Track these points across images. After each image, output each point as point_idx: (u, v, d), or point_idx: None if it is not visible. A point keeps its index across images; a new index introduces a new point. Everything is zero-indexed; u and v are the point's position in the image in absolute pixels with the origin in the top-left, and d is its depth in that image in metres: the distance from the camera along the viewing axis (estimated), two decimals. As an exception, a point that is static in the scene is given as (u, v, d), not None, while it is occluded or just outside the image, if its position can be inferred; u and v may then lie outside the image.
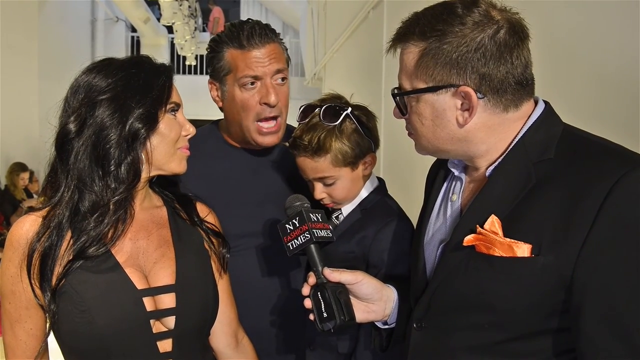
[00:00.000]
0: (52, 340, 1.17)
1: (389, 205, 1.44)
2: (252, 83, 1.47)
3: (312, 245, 1.17)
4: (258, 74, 1.46)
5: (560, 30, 1.97)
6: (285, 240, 1.20)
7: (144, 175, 1.17)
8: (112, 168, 1.11)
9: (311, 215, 1.19)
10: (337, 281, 1.15)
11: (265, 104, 1.46)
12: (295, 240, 1.19)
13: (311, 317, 1.15)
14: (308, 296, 1.16)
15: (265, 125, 1.49)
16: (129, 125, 1.11)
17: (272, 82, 1.48)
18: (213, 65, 1.53)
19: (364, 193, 1.45)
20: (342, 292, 1.14)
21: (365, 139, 1.39)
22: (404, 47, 1.01)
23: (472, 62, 0.94)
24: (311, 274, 1.17)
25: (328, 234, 1.20)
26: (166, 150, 1.17)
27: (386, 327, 1.24)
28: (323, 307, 1.13)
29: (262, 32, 1.48)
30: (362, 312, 1.18)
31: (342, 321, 1.11)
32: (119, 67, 1.15)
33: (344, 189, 1.40)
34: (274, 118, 1.50)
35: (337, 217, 1.45)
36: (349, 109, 1.37)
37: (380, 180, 1.52)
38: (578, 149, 0.95)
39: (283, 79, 1.51)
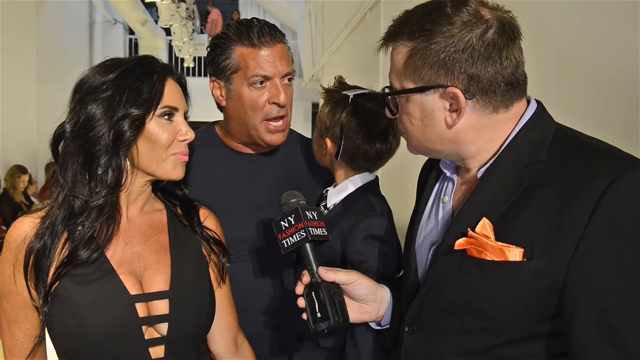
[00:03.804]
0: (49, 341, 1.17)
1: (371, 202, 1.45)
2: (262, 82, 1.46)
3: (307, 244, 1.15)
4: (269, 73, 1.45)
5: (557, 29, 1.97)
6: (280, 238, 1.18)
7: (134, 180, 1.16)
8: (99, 171, 1.11)
9: (307, 213, 1.17)
10: (331, 281, 1.13)
11: (275, 103, 1.47)
12: (290, 238, 1.16)
13: (304, 316, 1.13)
14: (301, 295, 1.14)
15: (274, 123, 1.49)
16: (114, 129, 1.10)
17: (280, 82, 1.48)
18: (218, 63, 1.50)
19: (350, 187, 1.47)
20: (336, 292, 1.12)
21: (334, 125, 1.45)
22: (394, 47, 1.00)
23: (459, 63, 0.92)
24: (305, 272, 1.14)
25: (323, 232, 1.18)
26: (155, 155, 1.15)
27: (379, 328, 1.24)
28: (317, 307, 1.10)
29: (272, 32, 1.48)
30: (356, 313, 1.17)
31: (336, 322, 1.09)
32: (116, 67, 1.14)
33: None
34: (282, 117, 1.50)
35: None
36: (352, 94, 1.44)
37: (374, 177, 1.53)
38: (571, 150, 0.94)
39: (290, 79, 1.52)
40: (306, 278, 1.14)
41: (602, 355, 0.85)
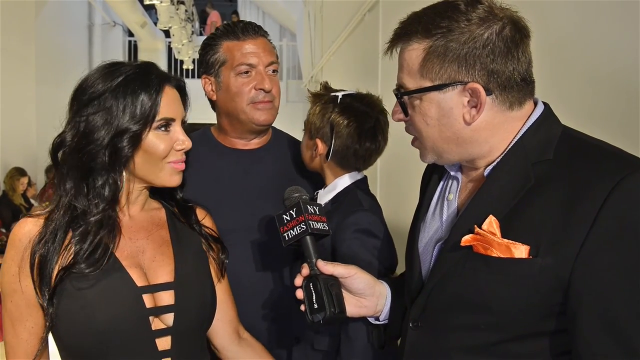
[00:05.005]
0: (52, 343, 1.18)
1: (358, 198, 1.48)
2: (247, 72, 1.57)
3: (307, 237, 1.17)
4: (253, 62, 1.57)
5: (558, 30, 1.97)
6: (282, 231, 1.20)
7: (133, 186, 1.20)
8: (98, 183, 1.14)
9: (309, 207, 1.19)
10: (330, 274, 1.14)
11: (261, 89, 1.56)
12: (291, 231, 1.18)
13: (302, 307, 1.15)
14: (300, 287, 1.16)
15: (260, 104, 1.58)
16: (111, 144, 1.12)
17: (265, 71, 1.58)
18: (207, 60, 1.62)
19: (339, 187, 1.51)
20: (333, 284, 1.14)
21: (324, 125, 1.49)
22: (406, 46, 0.99)
23: (480, 59, 0.93)
24: (305, 265, 1.16)
25: (324, 226, 1.20)
26: (152, 166, 1.18)
27: (378, 323, 1.25)
28: (314, 298, 1.12)
29: (254, 28, 1.62)
30: (353, 307, 1.18)
31: (332, 313, 1.10)
32: (115, 76, 1.15)
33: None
34: (269, 102, 1.59)
35: None
36: (341, 94, 1.50)
37: (363, 177, 1.57)
38: (577, 150, 0.94)
39: (274, 70, 1.62)
40: (305, 270, 1.16)
41: (606, 354, 0.85)
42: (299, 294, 1.15)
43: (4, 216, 6.07)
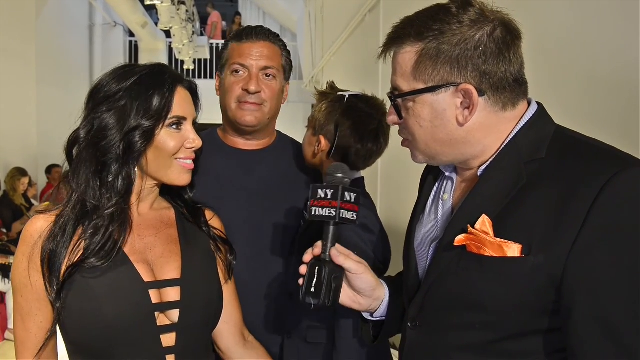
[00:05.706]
0: (62, 345, 1.20)
1: None
2: (238, 71, 1.62)
3: (331, 223, 1.14)
4: (245, 63, 1.62)
5: (557, 30, 1.98)
6: (311, 204, 1.16)
7: (144, 184, 1.22)
8: (110, 178, 1.16)
9: (346, 194, 1.14)
10: (339, 264, 1.13)
11: (245, 90, 1.60)
12: (320, 209, 1.14)
13: (300, 281, 1.14)
14: (306, 263, 1.14)
15: (246, 104, 1.62)
16: (125, 139, 1.15)
17: (258, 73, 1.61)
18: (220, 59, 1.72)
19: None
20: (337, 277, 1.13)
21: (329, 123, 1.52)
22: (399, 49, 1.00)
23: (472, 60, 0.94)
24: (318, 244, 1.14)
25: (353, 216, 1.16)
26: (161, 163, 1.20)
27: (372, 319, 1.25)
28: (314, 282, 1.12)
29: (260, 31, 1.65)
30: (348, 299, 1.18)
31: (325, 304, 1.11)
32: (128, 76, 1.18)
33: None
34: (254, 104, 1.62)
35: None
36: (347, 95, 1.53)
37: (360, 177, 1.60)
38: (569, 149, 0.95)
39: (270, 75, 1.63)
40: (317, 250, 1.14)
41: (599, 351, 0.86)
42: (302, 269, 1.14)
43: (4, 216, 6.07)
